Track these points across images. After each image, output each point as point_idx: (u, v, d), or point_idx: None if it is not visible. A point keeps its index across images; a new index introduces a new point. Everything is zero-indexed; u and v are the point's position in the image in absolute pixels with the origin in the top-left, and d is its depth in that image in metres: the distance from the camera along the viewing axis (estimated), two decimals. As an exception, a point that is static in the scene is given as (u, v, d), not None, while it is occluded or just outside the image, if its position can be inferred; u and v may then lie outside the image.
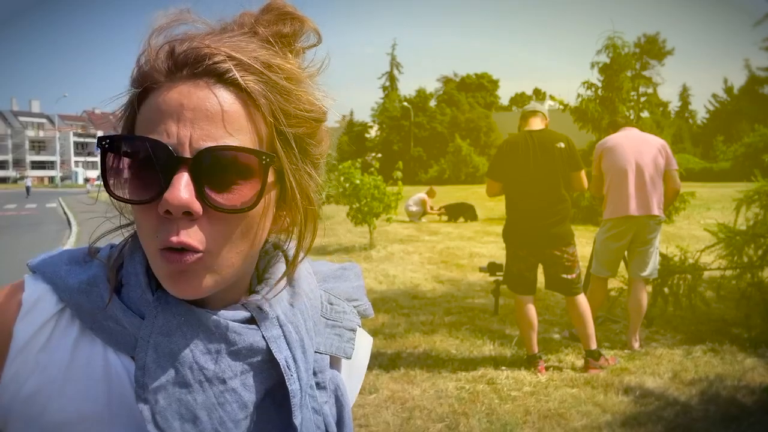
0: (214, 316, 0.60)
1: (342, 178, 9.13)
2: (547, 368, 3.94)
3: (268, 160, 0.57)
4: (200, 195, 0.55)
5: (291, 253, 0.68)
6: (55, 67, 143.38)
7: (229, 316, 0.61)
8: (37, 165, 73.24)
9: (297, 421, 0.61)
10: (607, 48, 12.39)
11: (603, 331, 4.67)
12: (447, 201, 15.11)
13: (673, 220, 11.38)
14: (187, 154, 0.54)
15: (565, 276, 3.89)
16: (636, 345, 4.28)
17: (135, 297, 0.60)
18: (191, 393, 0.58)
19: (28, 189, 38.14)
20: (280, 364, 0.61)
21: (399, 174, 9.29)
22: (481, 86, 59.28)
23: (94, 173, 71.74)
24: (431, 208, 14.40)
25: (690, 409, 3.29)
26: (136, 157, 0.57)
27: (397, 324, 5.08)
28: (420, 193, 14.61)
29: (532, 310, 3.96)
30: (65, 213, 21.63)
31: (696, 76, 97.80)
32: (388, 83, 60.44)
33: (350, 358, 0.71)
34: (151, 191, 0.55)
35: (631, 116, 12.43)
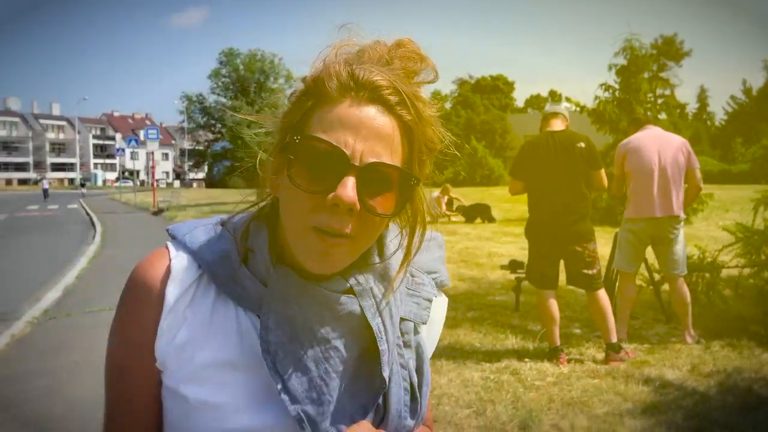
0: (322, 289, 0.74)
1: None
2: (568, 360, 4.08)
3: (414, 182, 0.72)
4: (360, 197, 0.68)
5: (392, 238, 0.82)
6: (76, 71, 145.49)
7: (333, 288, 0.75)
8: (57, 167, 74.42)
9: (386, 374, 0.75)
10: (625, 50, 12.45)
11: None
12: (464, 205, 15.17)
13: (691, 221, 11.41)
14: (357, 163, 0.68)
15: (586, 271, 4.03)
16: (690, 339, 4.37)
17: (260, 268, 0.76)
18: (303, 348, 0.73)
19: (45, 192, 35.40)
20: (373, 328, 0.76)
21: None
22: (496, 88, 59.24)
23: (113, 175, 72.71)
24: (446, 206, 14.38)
25: (708, 399, 3.41)
26: (317, 154, 0.69)
27: (421, 319, 5.22)
28: (435, 193, 14.68)
29: (554, 304, 4.11)
30: (88, 213, 22.07)
31: (714, 77, 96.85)
32: (403, 85, 60.50)
33: (425, 324, 0.86)
34: (324, 185, 0.68)
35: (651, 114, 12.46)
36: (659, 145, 4.34)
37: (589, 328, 4.87)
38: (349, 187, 0.67)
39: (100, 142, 78.18)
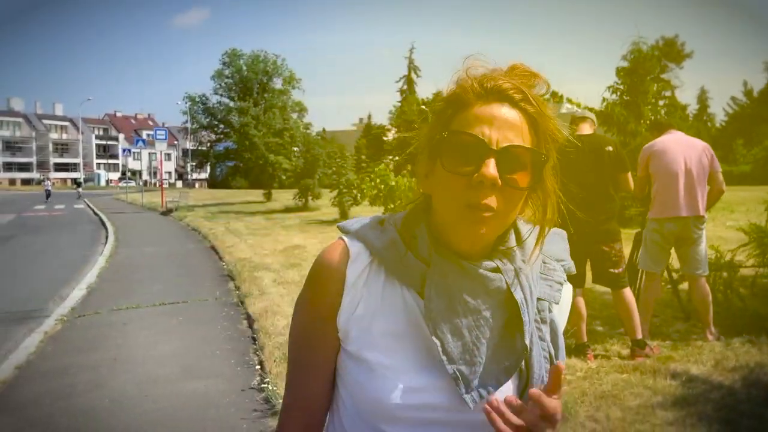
0: (474, 266, 0.88)
1: (378, 180, 9.45)
2: (595, 356, 4.23)
3: (544, 157, 0.87)
4: (500, 174, 0.83)
5: (525, 228, 0.97)
6: (78, 71, 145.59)
7: (483, 266, 0.88)
8: (60, 167, 74.55)
9: (527, 341, 0.89)
10: (633, 53, 12.59)
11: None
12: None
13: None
14: (494, 147, 0.83)
15: (612, 270, 4.18)
16: (711, 338, 4.51)
17: (423, 251, 0.90)
18: (458, 317, 0.88)
19: (48, 193, 34.12)
20: (518, 301, 0.89)
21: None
22: (498, 89, 59.18)
23: (116, 175, 72.81)
24: None
25: (734, 391, 3.56)
26: (462, 144, 0.85)
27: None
28: None
29: (581, 301, 4.25)
30: (96, 213, 22.21)
31: (714, 78, 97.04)
32: (405, 86, 60.70)
33: (558, 303, 1.00)
34: (470, 167, 0.83)
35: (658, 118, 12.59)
36: (684, 148, 4.48)
37: (610, 326, 5.02)
38: (491, 167, 0.82)
39: (103, 142, 78.32)
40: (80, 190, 36.50)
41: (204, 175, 64.34)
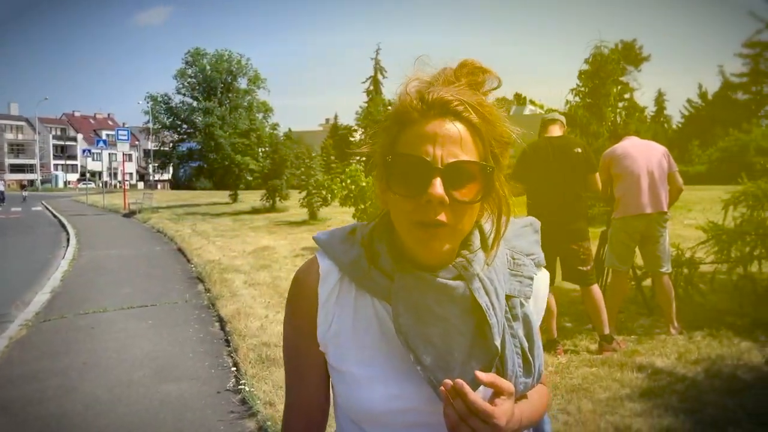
0: (436, 277, 0.90)
1: (348, 181, 9.47)
2: (564, 351, 4.36)
3: (490, 170, 0.88)
4: (447, 191, 0.84)
5: (487, 228, 0.98)
6: (35, 70, 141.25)
7: (445, 276, 0.90)
8: (16, 168, 72.17)
9: (497, 342, 0.91)
10: (595, 57, 12.91)
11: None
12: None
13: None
14: (440, 165, 0.84)
15: (581, 268, 4.31)
16: (674, 332, 4.69)
17: (385, 266, 0.93)
18: (428, 327, 0.90)
19: (1, 195, 31.39)
20: (482, 306, 0.90)
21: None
22: (463, 91, 59.78)
23: (74, 176, 70.87)
24: None
25: (698, 383, 3.71)
26: (407, 166, 0.86)
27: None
28: None
29: (551, 298, 4.36)
30: (55, 216, 21.61)
31: (671, 81, 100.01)
32: (372, 87, 60.78)
33: (529, 298, 1.02)
34: (417, 189, 0.84)
35: (618, 122, 12.94)
36: (644, 151, 4.68)
37: (579, 322, 5.16)
38: (437, 186, 0.83)
39: (61, 142, 76.11)
40: (24, 193, 34.40)
41: (166, 176, 63.18)
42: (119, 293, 7.48)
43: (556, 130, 4.37)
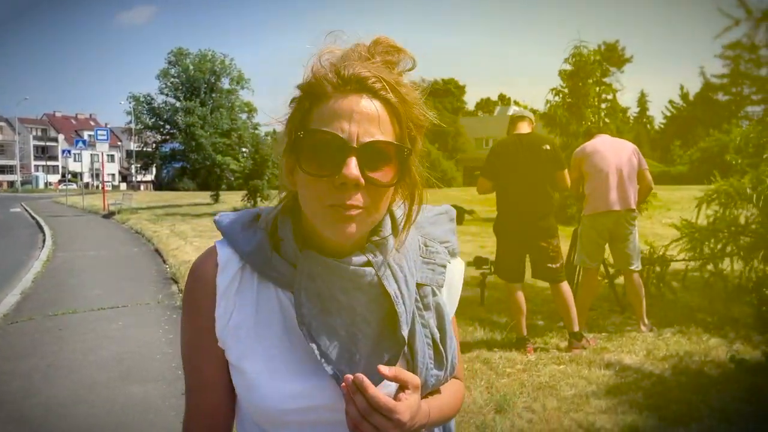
0: (342, 264, 0.84)
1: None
2: (534, 349, 4.34)
3: (407, 152, 0.83)
4: (363, 173, 0.79)
5: (401, 214, 0.93)
6: (15, 70, 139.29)
7: (352, 263, 0.85)
8: (-4, 169, 71.16)
9: (404, 333, 0.86)
10: (574, 56, 12.97)
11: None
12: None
13: (637, 219, 11.97)
14: (355, 144, 0.78)
15: (550, 265, 4.30)
16: (644, 328, 4.71)
17: (289, 253, 0.87)
18: (332, 318, 0.85)
19: None
20: (391, 294, 0.86)
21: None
22: (447, 92, 60.11)
23: (55, 177, 69.99)
24: None
25: (664, 380, 3.72)
26: (320, 144, 0.80)
27: (392, 315, 5.42)
28: None
29: (521, 296, 4.36)
30: (33, 217, 21.29)
31: (653, 82, 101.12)
32: (355, 88, 60.74)
33: (442, 287, 0.96)
34: (330, 168, 0.79)
35: (599, 122, 13.01)
36: (614, 149, 4.69)
37: (550, 320, 5.16)
38: (352, 166, 0.77)
39: (42, 143, 75.07)
40: None
41: (149, 177, 62.60)
42: (91, 294, 7.35)
43: (524, 127, 4.35)
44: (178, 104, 30.93)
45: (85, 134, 51.82)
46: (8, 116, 72.13)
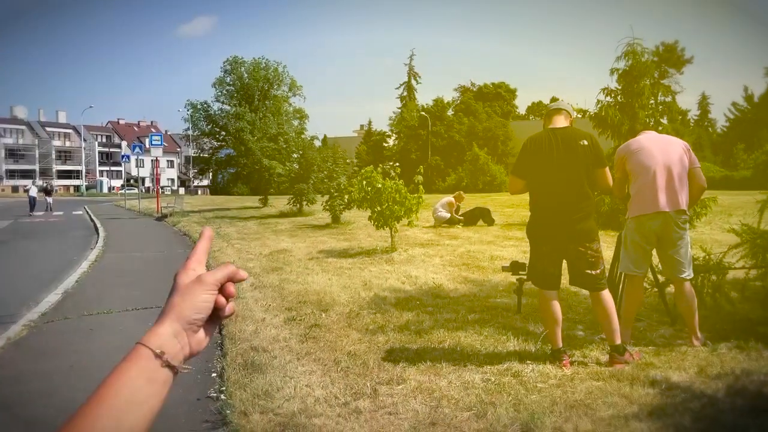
0: None
1: (364, 182, 9.24)
2: (571, 363, 3.99)
3: None
4: None
5: None
6: (82, 79, 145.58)
7: None
8: (63, 174, 74.61)
9: None
10: (627, 55, 12.37)
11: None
12: (464, 209, 14.88)
13: (694, 225, 11.30)
14: None
15: (589, 271, 3.94)
16: (697, 343, 4.29)
17: None
18: None
19: (32, 201, 27.06)
20: None
21: (420, 178, 9.34)
22: (498, 95, 59.24)
23: (119, 182, 72.83)
24: (456, 212, 14.05)
25: (717, 401, 3.31)
26: None
27: (422, 321, 5.16)
28: (448, 197, 14.38)
29: (556, 305, 4.02)
30: (92, 219, 22.05)
31: (715, 84, 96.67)
32: (405, 93, 60.61)
33: None
34: None
35: (650, 123, 12.38)
36: (661, 145, 4.29)
37: (592, 330, 4.78)
38: None
39: (106, 149, 78.42)
40: (49, 199, 31.76)
41: (206, 182, 64.30)
42: (129, 295, 7.39)
43: (560, 121, 4.02)
44: (232, 111, 31.56)
45: (145, 140, 53.73)
46: (75, 124, 75.66)
